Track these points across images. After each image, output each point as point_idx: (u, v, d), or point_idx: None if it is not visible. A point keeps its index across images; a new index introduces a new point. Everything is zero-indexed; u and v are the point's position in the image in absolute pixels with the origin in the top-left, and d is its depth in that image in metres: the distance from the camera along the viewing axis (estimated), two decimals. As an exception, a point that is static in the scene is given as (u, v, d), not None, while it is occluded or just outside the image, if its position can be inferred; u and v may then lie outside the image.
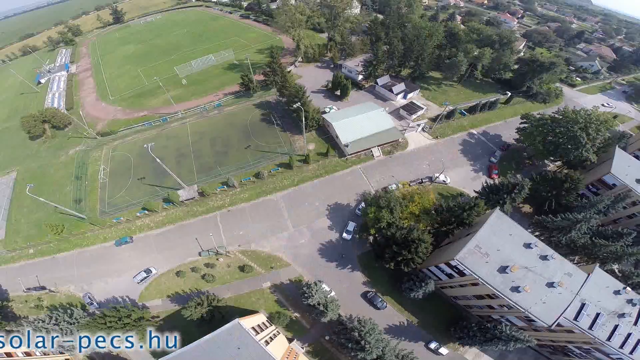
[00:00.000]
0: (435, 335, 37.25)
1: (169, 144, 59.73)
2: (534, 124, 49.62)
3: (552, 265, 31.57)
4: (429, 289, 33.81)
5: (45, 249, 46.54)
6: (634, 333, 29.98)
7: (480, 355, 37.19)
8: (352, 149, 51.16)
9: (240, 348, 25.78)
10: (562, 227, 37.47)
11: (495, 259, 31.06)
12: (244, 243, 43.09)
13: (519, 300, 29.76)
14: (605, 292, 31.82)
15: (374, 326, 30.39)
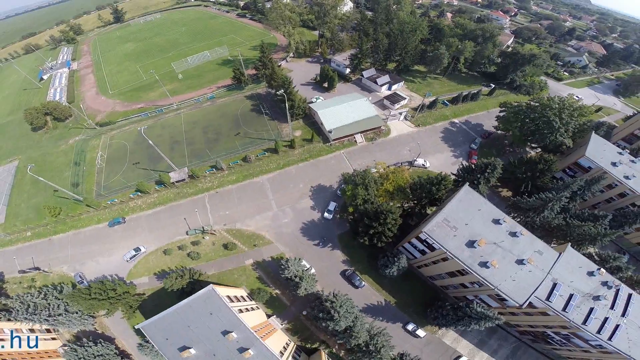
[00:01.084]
0: (412, 317, 38.68)
1: (163, 133, 63.85)
2: (511, 110, 52.41)
3: (522, 242, 32.16)
4: (401, 264, 35.72)
5: (42, 231, 49.73)
6: (611, 318, 29.80)
7: (459, 339, 38.16)
8: (336, 135, 54.81)
9: (213, 313, 27.99)
10: (535, 206, 39.50)
11: (463, 232, 32.23)
12: (229, 222, 46.28)
13: (487, 276, 30.28)
14: (578, 272, 32.03)
15: (347, 300, 31.99)
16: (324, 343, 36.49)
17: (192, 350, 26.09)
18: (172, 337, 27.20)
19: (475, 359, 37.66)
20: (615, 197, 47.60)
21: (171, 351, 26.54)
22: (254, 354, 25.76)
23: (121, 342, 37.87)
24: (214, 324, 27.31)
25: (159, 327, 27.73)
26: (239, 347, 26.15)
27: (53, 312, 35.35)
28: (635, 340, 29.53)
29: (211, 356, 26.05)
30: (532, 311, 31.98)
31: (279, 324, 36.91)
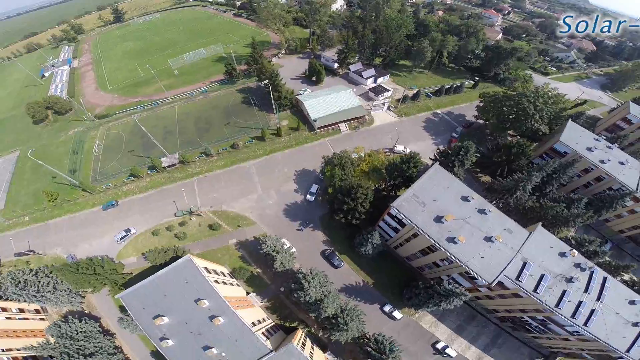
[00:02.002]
0: (390, 298, 39.56)
1: (157, 123, 67.24)
2: (489, 100, 55.40)
3: (491, 220, 32.82)
4: (375, 241, 37.23)
5: (39, 216, 52.27)
6: (586, 302, 29.43)
7: (437, 324, 38.74)
8: (320, 123, 57.70)
9: (188, 282, 29.24)
10: (508, 187, 41.05)
11: (431, 208, 33.26)
12: (215, 204, 48.80)
13: (455, 253, 30.85)
14: (550, 253, 32.04)
15: (320, 274, 33.02)
16: (302, 322, 37.86)
17: (165, 318, 27.42)
18: (148, 306, 28.57)
19: (454, 344, 37.79)
20: (592, 181, 49.27)
21: (146, 320, 27.82)
22: (224, 322, 27.01)
23: (106, 321, 39.74)
24: (188, 293, 28.75)
25: (137, 296, 29.26)
26: (210, 315, 27.49)
27: (42, 289, 36.60)
28: (613, 327, 29.26)
29: (183, 324, 27.44)
30: (505, 293, 32.43)
31: (258, 301, 38.60)
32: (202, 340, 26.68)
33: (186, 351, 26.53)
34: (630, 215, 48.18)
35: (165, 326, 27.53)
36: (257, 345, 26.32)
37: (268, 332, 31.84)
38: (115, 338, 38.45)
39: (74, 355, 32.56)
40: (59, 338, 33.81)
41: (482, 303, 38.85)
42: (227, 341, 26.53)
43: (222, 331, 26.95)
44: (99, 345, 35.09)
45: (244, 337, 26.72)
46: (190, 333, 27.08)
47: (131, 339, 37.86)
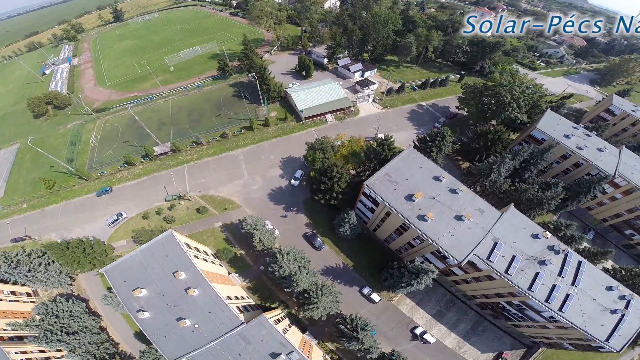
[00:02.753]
0: (369, 281, 39.75)
1: (152, 116, 68.78)
2: (468, 90, 56.20)
3: (462, 199, 32.64)
4: (351, 220, 37.70)
5: (37, 203, 53.44)
6: (560, 286, 28.63)
7: (415, 309, 38.52)
8: (307, 114, 58.74)
9: (168, 255, 29.74)
10: (484, 170, 41.61)
11: (403, 187, 33.49)
12: (204, 189, 49.92)
13: (425, 230, 30.83)
14: (522, 234, 31.43)
15: (296, 251, 33.46)
16: (283, 303, 38.33)
17: (144, 290, 28.03)
18: (129, 279, 29.11)
19: (433, 330, 37.57)
20: (571, 167, 49.32)
21: (126, 293, 28.29)
22: (199, 293, 27.60)
23: (94, 303, 40.59)
24: (167, 265, 29.30)
25: (120, 270, 29.85)
26: (187, 287, 28.02)
27: (33, 269, 37.25)
28: (590, 314, 28.46)
29: (160, 296, 28.00)
30: (479, 275, 32.05)
31: (239, 281, 39.18)
32: (177, 312, 27.35)
33: (160, 322, 27.19)
34: (611, 203, 48.37)
35: (143, 298, 28.16)
36: (230, 317, 26.92)
37: (245, 308, 32.43)
38: (102, 319, 39.27)
39: (57, 332, 33.15)
40: (44, 316, 34.31)
41: (460, 289, 38.66)
42: (201, 312, 27.21)
43: (197, 302, 27.63)
44: (84, 324, 35.91)
45: (217, 309, 27.36)
46: (166, 305, 27.76)
47: (116, 320, 38.83)
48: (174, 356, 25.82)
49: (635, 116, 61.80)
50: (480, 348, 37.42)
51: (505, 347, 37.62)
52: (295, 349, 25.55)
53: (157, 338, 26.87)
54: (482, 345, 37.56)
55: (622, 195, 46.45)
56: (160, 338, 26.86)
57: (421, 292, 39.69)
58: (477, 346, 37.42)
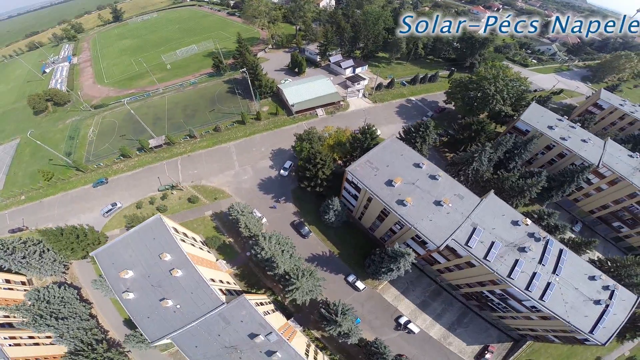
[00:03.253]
0: (354, 269, 39.80)
1: (149, 111, 69.68)
2: (454, 84, 56.46)
3: (442, 185, 32.71)
4: (336, 207, 38.01)
5: (35, 194, 54.12)
6: (540, 273, 28.10)
7: (400, 298, 38.22)
8: (298, 108, 59.30)
9: (156, 238, 30.07)
10: (466, 159, 42.14)
11: (383, 172, 33.74)
12: (196, 180, 50.56)
13: (404, 214, 30.92)
14: (501, 220, 31.16)
15: (277, 235, 33.91)
16: (269, 290, 38.65)
17: (130, 271, 28.30)
18: (117, 261, 29.49)
19: (418, 320, 37.13)
20: (555, 158, 49.37)
21: (113, 274, 28.60)
22: (183, 274, 27.90)
23: (86, 291, 40.99)
24: (154, 248, 29.65)
25: (109, 253, 30.26)
26: (171, 268, 28.29)
27: (28, 256, 37.70)
28: (573, 304, 27.67)
29: (146, 277, 28.34)
30: (460, 262, 31.72)
31: (226, 267, 39.52)
32: (161, 293, 27.65)
33: (144, 303, 27.52)
34: (597, 194, 48.21)
35: (129, 280, 28.52)
36: (211, 298, 27.20)
37: (229, 292, 32.62)
38: (92, 307, 39.60)
39: (46, 317, 33.50)
40: (35, 301, 34.69)
41: (445, 278, 38.46)
42: (184, 293, 27.51)
43: (180, 283, 27.97)
44: (74, 310, 36.25)
45: (199, 289, 27.67)
46: (151, 286, 28.16)
47: (107, 308, 39.22)
48: (155, 337, 26.12)
49: (622, 110, 61.82)
50: (466, 340, 36.73)
51: (491, 339, 36.95)
52: (274, 330, 25.79)
53: (140, 319, 27.23)
54: (467, 337, 36.90)
55: (608, 186, 46.39)
56: (144, 319, 27.22)
57: (406, 281, 39.82)
58: (463, 338, 36.81)
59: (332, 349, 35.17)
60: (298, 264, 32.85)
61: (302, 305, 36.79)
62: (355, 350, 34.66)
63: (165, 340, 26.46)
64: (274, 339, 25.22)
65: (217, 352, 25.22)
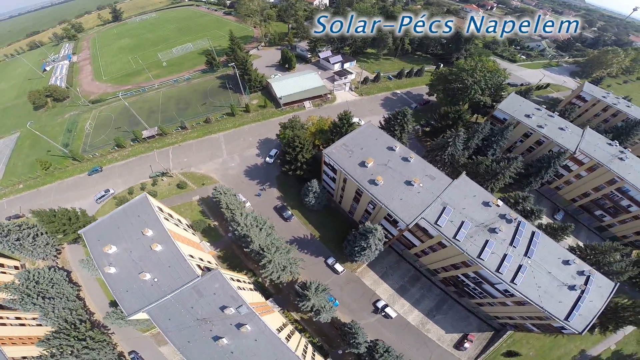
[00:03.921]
0: (334, 252, 40.20)
1: (143, 106, 71.23)
2: (436, 77, 57.09)
3: (413, 166, 32.98)
4: (315, 189, 38.90)
5: (32, 183, 55.42)
6: (511, 255, 27.59)
7: (379, 282, 38.13)
8: (285, 100, 60.42)
9: (140, 216, 31.01)
10: (442, 145, 42.78)
11: (358, 154, 34.35)
12: (185, 167, 51.83)
13: (376, 193, 31.38)
14: (472, 200, 31.05)
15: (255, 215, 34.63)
16: (250, 271, 39.24)
17: (114, 247, 29.02)
18: (103, 238, 30.23)
19: (396, 305, 36.89)
20: (534, 145, 49.94)
21: (98, 250, 29.24)
22: (162, 249, 28.67)
23: (76, 274, 41.71)
24: (138, 224, 30.50)
25: (96, 230, 31.11)
26: (151, 243, 28.99)
27: (21, 238, 38.48)
28: (546, 288, 26.92)
29: (128, 252, 29.01)
30: (433, 243, 31.81)
31: (208, 248, 40.23)
32: (140, 267, 28.41)
33: (124, 277, 28.26)
34: (577, 181, 48.46)
35: (113, 255, 29.26)
36: (187, 272, 27.91)
37: (207, 269, 33.04)
38: (81, 289, 40.29)
39: (33, 296, 34.16)
40: (25, 281, 35.28)
41: (422, 262, 38.56)
42: (162, 267, 28.24)
43: (159, 258, 28.74)
44: (62, 291, 36.82)
45: (177, 264, 28.42)
46: (132, 261, 29.02)
47: (94, 292, 39.94)
48: (132, 310, 26.74)
49: (605, 102, 62.07)
50: (445, 327, 36.24)
51: (471, 328, 36.26)
52: (245, 303, 26.37)
53: (120, 293, 27.96)
54: (446, 324, 36.40)
55: (587, 173, 46.69)
56: (123, 293, 27.95)
57: (385, 265, 40.19)
58: (442, 325, 36.34)
59: (312, 331, 35.54)
60: (275, 242, 33.39)
61: (282, 288, 37.72)
62: (334, 334, 35.02)
63: (141, 313, 27.04)
64: (244, 312, 25.81)
65: (188, 324, 25.86)
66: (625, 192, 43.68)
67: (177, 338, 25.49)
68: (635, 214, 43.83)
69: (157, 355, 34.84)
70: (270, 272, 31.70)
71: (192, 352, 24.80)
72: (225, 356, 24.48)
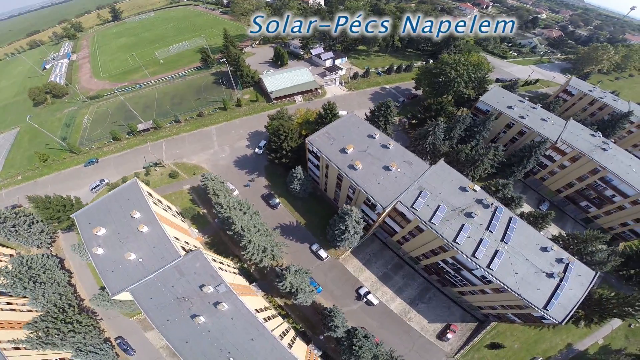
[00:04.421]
0: (318, 239, 40.65)
1: (139, 101, 72.60)
2: (421, 71, 57.82)
3: (392, 153, 33.51)
4: (299, 175, 39.50)
5: (31, 174, 56.52)
6: (487, 240, 27.35)
7: (362, 269, 38.40)
8: (276, 95, 61.52)
9: (130, 199, 31.98)
10: (423, 134, 43.49)
11: (339, 142, 35.16)
12: (177, 158, 53.07)
13: (355, 177, 31.99)
14: (449, 185, 31.34)
15: (238, 199, 35.23)
16: (236, 257, 39.85)
17: (103, 229, 29.94)
18: (93, 221, 31.10)
19: (379, 293, 36.87)
20: (516, 136, 50.47)
21: (88, 232, 30.17)
22: (148, 230, 29.38)
23: (69, 262, 42.41)
24: (126, 207, 31.45)
25: (88, 214, 31.93)
26: (138, 224, 29.89)
27: (18, 225, 39.47)
28: (524, 275, 26.56)
29: (116, 233, 29.96)
30: (412, 228, 32.01)
31: (196, 234, 40.94)
32: (127, 248, 29.21)
33: (111, 258, 29.03)
34: (561, 171, 48.72)
35: (102, 236, 30.11)
36: (171, 252, 28.68)
37: (191, 251, 32.83)
38: (72, 276, 40.97)
39: (25, 280, 34.83)
40: (18, 265, 35.99)
41: (404, 249, 38.50)
42: (147, 247, 29.06)
43: (145, 239, 29.55)
44: (53, 277, 37.49)
45: (161, 244, 29.17)
46: (119, 241, 29.85)
47: (85, 277, 40.59)
48: (116, 290, 27.39)
49: (591, 95, 62.42)
50: (428, 317, 36.02)
51: (454, 318, 36.09)
52: (223, 282, 27.07)
53: (105, 273, 28.72)
54: (429, 313, 36.17)
55: (570, 163, 46.95)
56: (108, 273, 28.72)
57: (369, 253, 40.62)
58: (424, 314, 36.14)
59: (295, 317, 35.96)
60: (258, 225, 34.03)
61: (266, 273, 38.36)
62: (317, 320, 35.17)
63: (125, 293, 27.63)
64: (222, 290, 26.47)
65: (168, 303, 26.48)
66: (609, 181, 43.89)
67: (157, 317, 26.09)
68: (620, 204, 43.95)
69: (143, 340, 35.42)
70: (251, 254, 32.31)
71: (171, 331, 25.33)
72: (203, 334, 25.05)
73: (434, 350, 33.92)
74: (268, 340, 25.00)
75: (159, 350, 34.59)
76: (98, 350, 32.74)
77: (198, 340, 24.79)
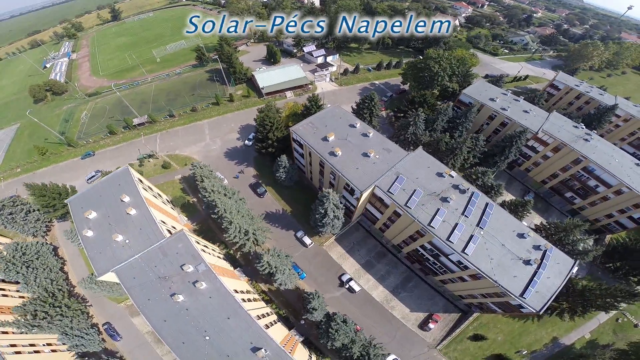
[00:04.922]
0: (304, 226, 41.23)
1: (136, 97, 74.25)
2: (407, 66, 58.85)
3: (372, 141, 34.48)
4: (284, 163, 40.52)
5: (30, 167, 58.13)
6: (463, 225, 27.31)
7: (345, 257, 38.59)
8: (267, 90, 62.87)
9: (121, 185, 33.34)
10: (406, 124, 44.50)
11: (322, 131, 36.31)
12: (170, 150, 54.56)
13: (335, 163, 32.79)
14: (426, 171, 31.89)
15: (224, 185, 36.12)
16: (223, 243, 40.77)
17: (94, 212, 31.17)
18: (86, 205, 32.22)
19: (361, 280, 36.95)
20: (499, 127, 51.14)
21: (80, 216, 31.29)
22: (136, 212, 30.62)
23: (62, 250, 43.34)
24: (117, 192, 32.58)
25: (80, 199, 33.02)
26: (127, 208, 31.17)
27: (15, 213, 40.52)
28: (499, 261, 26.26)
29: (106, 217, 31.18)
30: (390, 214, 32.55)
31: (185, 220, 42.23)
32: (114, 229, 30.42)
33: (99, 240, 30.13)
34: (545, 162, 49.15)
35: (93, 220, 31.24)
36: (156, 234, 29.85)
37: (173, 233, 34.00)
38: (65, 264, 41.88)
39: (18, 265, 35.69)
40: (12, 251, 36.83)
41: (386, 236, 39.09)
42: (134, 229, 30.26)
43: (132, 221, 30.76)
44: (46, 263, 38.34)
45: (147, 226, 30.35)
46: (108, 224, 31.00)
47: (77, 265, 41.50)
48: (102, 271, 28.32)
49: (577, 90, 62.96)
50: (410, 306, 35.72)
51: (437, 308, 35.83)
52: (204, 262, 28.00)
53: (93, 255, 29.80)
54: (411, 302, 35.89)
55: (553, 153, 47.51)
56: (96, 255, 29.81)
57: (352, 241, 41.22)
58: (407, 303, 35.86)
59: (279, 303, 36.60)
60: (241, 210, 34.92)
61: (251, 259, 39.17)
62: (300, 307, 35.29)
63: (110, 273, 28.50)
64: (202, 269, 27.39)
65: (150, 282, 27.44)
66: (591, 171, 44.43)
67: (138, 296, 26.95)
68: (603, 195, 44.44)
69: (130, 325, 36.29)
70: (233, 236, 33.18)
71: (151, 309, 26.13)
72: (181, 312, 25.86)
73: (416, 340, 33.63)
74: (244, 319, 25.72)
75: (144, 335, 35.42)
76: (84, 334, 33.34)
77: (176, 318, 25.63)
